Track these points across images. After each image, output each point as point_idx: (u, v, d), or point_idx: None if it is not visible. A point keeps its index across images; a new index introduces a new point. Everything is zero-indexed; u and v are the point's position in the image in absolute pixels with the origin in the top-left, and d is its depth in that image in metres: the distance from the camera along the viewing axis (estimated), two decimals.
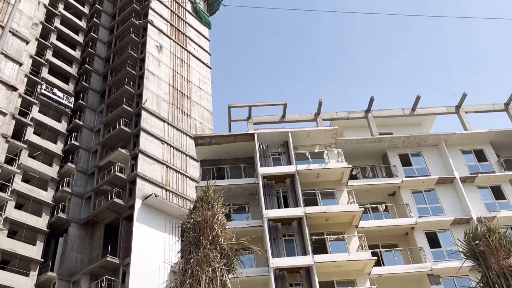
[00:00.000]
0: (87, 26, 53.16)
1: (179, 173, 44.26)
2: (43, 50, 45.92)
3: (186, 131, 47.86)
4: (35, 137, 41.33)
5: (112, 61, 50.68)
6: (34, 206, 38.35)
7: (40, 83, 43.68)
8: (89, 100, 47.75)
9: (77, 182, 41.83)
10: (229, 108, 33.66)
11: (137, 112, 44.94)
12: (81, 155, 43.77)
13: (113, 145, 43.87)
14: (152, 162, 42.04)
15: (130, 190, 40.21)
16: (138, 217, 37.81)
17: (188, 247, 8.21)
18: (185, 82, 52.20)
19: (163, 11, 54.98)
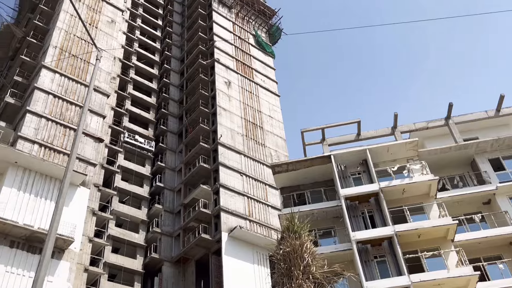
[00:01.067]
0: (159, 72, 56.17)
1: (261, 203, 44.59)
2: (122, 101, 49.04)
3: (262, 161, 48.37)
4: (123, 183, 43.76)
5: (186, 102, 52.90)
6: (128, 249, 40.29)
7: (122, 132, 46.50)
8: (168, 142, 49.97)
9: (165, 221, 43.48)
10: (302, 133, 33.59)
11: (214, 148, 46.26)
12: (167, 195, 45.59)
13: (195, 182, 45.31)
14: (234, 194, 42.77)
15: (215, 225, 41.09)
16: (226, 251, 38.36)
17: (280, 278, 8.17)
18: (256, 113, 53.11)
19: (227, 48, 56.84)
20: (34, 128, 35.91)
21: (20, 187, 32.74)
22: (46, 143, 35.87)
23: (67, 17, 44.66)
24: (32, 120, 36.29)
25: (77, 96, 40.41)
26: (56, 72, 40.11)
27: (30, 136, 35.33)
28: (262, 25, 66.38)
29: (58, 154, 36.09)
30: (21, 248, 30.83)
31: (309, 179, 30.30)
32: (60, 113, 38.32)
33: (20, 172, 33.18)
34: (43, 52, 42.32)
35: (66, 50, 42.22)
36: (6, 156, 32.67)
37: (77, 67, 42.06)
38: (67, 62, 41.46)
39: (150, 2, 62.76)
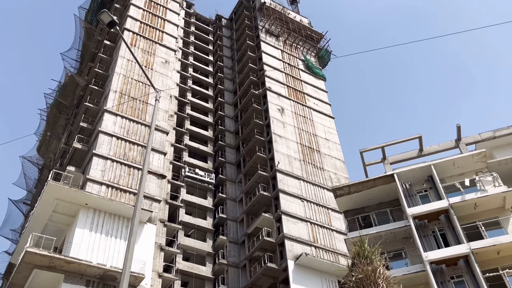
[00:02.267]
0: (214, 106, 57.54)
1: (325, 228, 43.79)
2: (181, 137, 50.48)
3: (322, 185, 47.75)
4: (187, 217, 44.57)
5: (241, 133, 53.63)
6: (197, 282, 40.66)
7: (183, 167, 47.68)
8: (227, 173, 50.61)
9: (230, 252, 43.61)
10: (361, 153, 32.93)
11: (273, 175, 46.29)
12: (230, 226, 45.87)
13: (256, 211, 45.37)
14: (296, 221, 42.34)
15: (280, 253, 40.69)
16: (294, 279, 37.75)
17: None
18: (311, 136, 52.85)
19: (278, 75, 57.44)
20: (100, 170, 37.59)
21: (92, 228, 34.16)
22: (112, 183, 37.37)
23: (124, 62, 47.04)
24: (99, 162, 38.04)
25: (138, 136, 42.05)
26: (117, 115, 42.07)
27: (98, 178, 36.97)
28: (311, 49, 66.69)
29: (124, 193, 37.45)
30: (96, 286, 31.89)
31: (373, 200, 29.51)
32: (124, 153, 39.95)
33: (91, 213, 34.68)
34: (104, 97, 44.64)
35: (126, 93, 44.30)
36: (78, 199, 34.34)
37: (137, 108, 43.94)
38: (127, 105, 43.45)
39: (201, 40, 65.01)
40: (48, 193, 33.78)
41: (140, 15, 53.40)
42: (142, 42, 50.52)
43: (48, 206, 34.28)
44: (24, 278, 31.20)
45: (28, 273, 30.82)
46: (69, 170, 38.48)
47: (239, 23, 67.89)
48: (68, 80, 51.01)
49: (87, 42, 55.35)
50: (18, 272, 31.00)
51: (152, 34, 52.31)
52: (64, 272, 30.94)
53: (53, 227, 34.88)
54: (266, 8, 66.21)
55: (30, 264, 30.49)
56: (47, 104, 51.80)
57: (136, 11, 53.59)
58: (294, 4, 74.32)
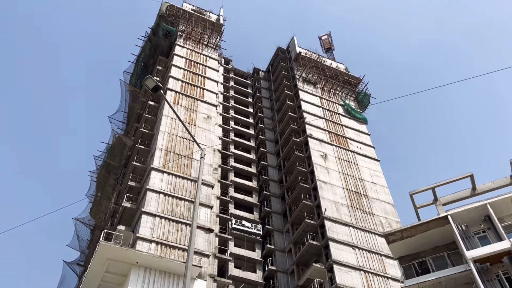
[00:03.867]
0: (256, 156, 57.95)
1: (379, 276, 42.02)
2: (226, 189, 50.82)
3: (373, 230, 46.32)
4: (237, 271, 43.98)
5: (285, 181, 53.41)
6: None
7: (230, 219, 47.65)
8: (274, 223, 50.09)
9: None
10: (411, 196, 31.87)
11: (320, 223, 45.40)
12: (280, 278, 44.82)
13: (306, 261, 44.26)
14: (349, 270, 40.92)
15: None
16: None
17: None
18: (357, 181, 51.91)
19: (318, 122, 57.59)
20: (150, 228, 38.12)
21: (143, 286, 34.27)
22: (161, 240, 37.71)
23: (168, 120, 48.66)
24: (148, 220, 38.66)
25: (184, 191, 42.68)
26: (164, 172, 43.06)
27: (147, 236, 37.44)
28: (349, 94, 66.87)
29: (173, 249, 37.65)
30: None
31: (428, 244, 28.20)
32: (171, 209, 40.49)
33: (142, 271, 34.90)
34: (151, 156, 45.98)
35: (171, 150, 45.51)
36: (128, 258, 34.77)
37: (182, 164, 44.88)
38: (172, 161, 44.49)
39: (240, 93, 66.67)
40: (100, 253, 34.43)
41: (181, 75, 55.63)
42: (184, 100, 52.31)
43: (100, 267, 34.84)
44: None
45: None
46: (119, 229, 39.28)
47: (276, 74, 69.36)
48: (116, 141, 53.07)
49: (132, 104, 57.88)
50: None
51: (193, 91, 54.19)
52: None
53: (106, 287, 35.25)
54: (302, 57, 67.53)
55: None
56: (96, 166, 53.82)
57: (177, 71, 55.93)
58: (329, 52, 75.52)
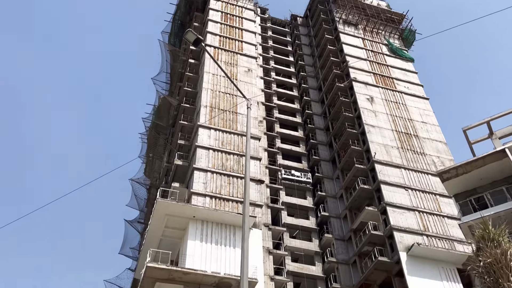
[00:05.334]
0: (301, 106, 57.44)
1: (434, 215, 41.64)
2: (273, 141, 51.06)
3: (425, 170, 45.53)
4: (290, 218, 44.85)
5: (332, 128, 52.90)
6: (309, 282, 40.68)
7: (279, 170, 48.13)
8: (323, 170, 50.15)
9: (338, 250, 43.08)
10: (464, 131, 30.88)
11: (371, 167, 45.05)
12: (334, 223, 45.35)
13: (358, 206, 44.40)
14: (403, 211, 40.76)
15: (390, 245, 39.41)
16: (409, 271, 36.32)
17: None
18: (407, 122, 50.67)
19: (362, 64, 55.98)
20: (202, 183, 39.22)
21: (202, 238, 35.73)
22: (215, 194, 38.81)
23: (210, 77, 48.79)
24: (200, 175, 39.72)
25: (232, 146, 43.27)
26: (210, 128, 43.69)
27: (201, 191, 38.61)
28: (393, 32, 64.17)
29: (227, 202, 38.73)
30: None
31: (485, 179, 27.47)
32: (222, 164, 41.32)
33: (199, 225, 36.30)
34: (196, 113, 46.63)
35: (215, 107, 45.90)
36: (185, 213, 36.16)
37: (227, 120, 45.29)
38: (218, 117, 44.98)
39: (279, 43, 65.37)
40: (159, 210, 35.95)
41: (218, 29, 55.11)
42: (223, 55, 52.06)
43: (160, 223, 36.48)
44: None
45: (151, 286, 32.95)
46: (174, 186, 40.67)
47: (315, 18, 67.28)
48: (161, 102, 54.04)
49: (173, 63, 58.28)
50: (142, 286, 33.25)
51: (232, 45, 53.72)
52: (183, 283, 32.66)
53: (167, 241, 37.01)
54: None
55: (152, 278, 32.58)
56: (145, 128, 55.28)
57: (214, 26, 55.40)
58: None
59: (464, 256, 36.37)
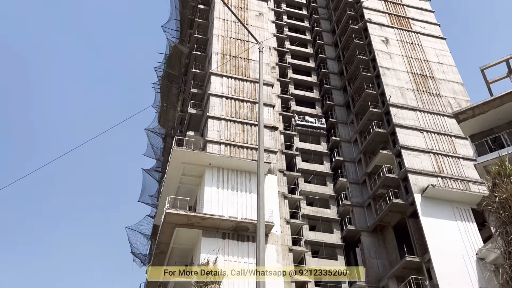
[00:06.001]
0: (314, 50, 56.33)
1: (449, 157, 41.59)
2: (286, 87, 50.61)
3: (441, 112, 45.01)
4: (305, 164, 45.23)
5: (346, 72, 52.09)
6: (324, 225, 41.59)
7: (292, 116, 48.02)
8: (337, 115, 49.90)
9: (353, 193, 43.62)
10: (482, 71, 30.21)
11: (386, 111, 44.68)
12: (348, 168, 45.66)
13: (373, 149, 44.46)
14: (417, 154, 40.75)
15: (405, 188, 39.76)
16: (423, 212, 36.81)
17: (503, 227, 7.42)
18: (422, 63, 49.57)
19: (377, 5, 54.18)
20: (217, 131, 39.46)
21: (218, 185, 36.44)
22: (229, 141, 39.12)
23: (220, 22, 47.81)
24: (214, 124, 39.90)
25: (245, 93, 43.07)
26: (223, 76, 43.36)
27: (216, 139, 38.92)
28: None
29: (241, 149, 39.07)
30: (231, 238, 34.30)
31: (503, 119, 27.15)
32: (235, 112, 41.34)
33: (215, 172, 36.91)
34: (208, 61, 46.15)
35: (227, 53, 45.29)
36: (201, 160, 36.70)
37: (239, 66, 44.80)
38: (230, 64, 44.49)
39: None
40: (175, 158, 36.51)
41: None
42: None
43: (176, 171, 37.16)
44: (168, 236, 34.60)
45: (171, 232, 34.11)
46: (189, 135, 41.02)
47: None
48: (172, 51, 53.45)
49: (182, 10, 57.05)
50: (163, 232, 34.43)
51: None
52: (201, 227, 33.72)
53: (184, 188, 37.86)
54: None
55: (171, 224, 33.68)
56: (158, 77, 55.07)
57: None
58: None
59: (478, 196, 36.62)
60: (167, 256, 36.23)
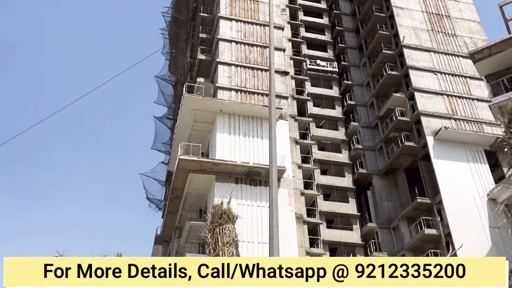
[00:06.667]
0: None
1: (463, 98, 40.98)
2: (296, 30, 49.36)
3: (456, 53, 43.86)
4: (316, 109, 44.95)
5: (358, 13, 50.52)
6: (336, 169, 41.89)
7: (304, 60, 47.19)
8: (349, 58, 48.92)
9: (364, 137, 43.57)
10: (500, 7, 29.13)
11: (399, 53, 43.67)
12: (360, 112, 45.33)
13: (386, 93, 43.88)
14: (430, 96, 40.19)
15: (417, 131, 39.57)
16: (435, 154, 36.81)
17: None
18: (438, 2, 47.76)
19: None
20: (227, 77, 39.10)
21: (230, 131, 36.62)
22: (240, 87, 38.84)
23: None
24: (224, 69, 39.47)
25: (255, 37, 42.23)
26: (232, 19, 42.37)
27: (226, 85, 38.63)
28: None
29: (252, 95, 38.85)
30: (244, 183, 34.89)
31: None
32: (245, 57, 40.73)
33: (226, 118, 36.98)
34: (216, 4, 44.93)
35: None
36: (212, 107, 36.70)
37: (248, 9, 43.65)
38: (239, 7, 43.34)
39: None
40: (186, 105, 36.54)
41: None
42: None
43: (188, 118, 37.29)
44: (182, 182, 35.30)
45: (184, 177, 34.74)
46: (199, 81, 40.78)
47: None
48: None
49: None
50: (176, 177, 35.08)
51: None
52: (214, 173, 34.26)
53: (196, 135, 38.14)
54: None
55: (185, 170, 34.25)
56: (166, 22, 54.02)
57: None
58: None
59: (492, 138, 36.38)
60: (181, 201, 37.13)
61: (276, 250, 9.48)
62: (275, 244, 9.56)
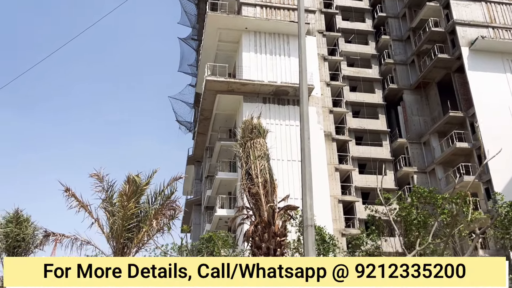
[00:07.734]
0: None
1: (503, 4, 38.49)
2: None
3: None
4: (345, 23, 43.15)
5: None
6: (365, 85, 41.00)
7: None
8: None
9: (396, 51, 42.03)
10: None
11: None
12: (391, 24, 43.36)
13: (419, 2, 41.54)
14: (468, 3, 37.85)
15: (452, 42, 37.83)
16: (470, 66, 35.40)
17: None
18: None
19: None
20: None
21: (256, 50, 35.90)
22: (265, 3, 37.42)
23: None
24: None
25: None
26: None
27: (250, 1, 37.23)
28: None
29: (278, 10, 37.47)
30: (271, 102, 34.77)
31: None
32: None
33: (252, 36, 36.10)
34: None
35: None
36: (237, 25, 35.74)
37: None
38: None
39: None
40: (210, 24, 35.70)
41: None
42: None
43: (213, 37, 36.59)
44: (210, 103, 35.46)
45: (213, 98, 34.84)
46: None
47: None
48: None
49: None
50: (205, 99, 35.21)
51: None
52: (242, 93, 34.17)
53: (222, 55, 37.63)
54: None
55: (212, 91, 34.24)
56: None
57: None
58: None
59: None
60: (211, 122, 37.56)
61: (308, 161, 9.60)
62: (307, 155, 9.66)
